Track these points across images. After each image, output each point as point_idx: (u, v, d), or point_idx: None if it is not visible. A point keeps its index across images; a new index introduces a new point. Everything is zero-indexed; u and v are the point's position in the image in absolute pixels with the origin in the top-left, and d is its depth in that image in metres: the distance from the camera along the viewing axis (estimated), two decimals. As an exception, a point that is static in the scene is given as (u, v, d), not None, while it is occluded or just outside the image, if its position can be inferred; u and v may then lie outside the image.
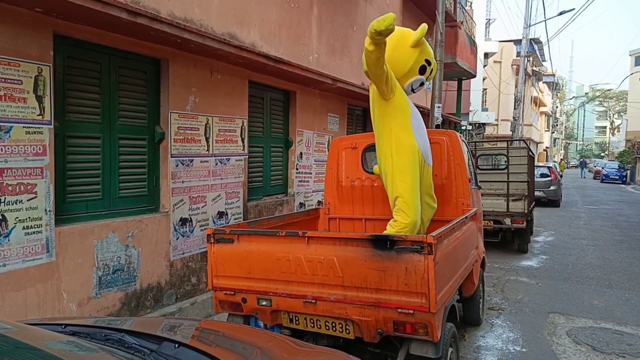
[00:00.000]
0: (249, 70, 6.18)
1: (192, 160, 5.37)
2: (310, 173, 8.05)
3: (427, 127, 4.39)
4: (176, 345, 1.89)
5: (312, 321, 3.31)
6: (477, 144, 11.17)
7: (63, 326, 2.09)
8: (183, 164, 5.24)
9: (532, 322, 5.35)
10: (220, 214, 5.85)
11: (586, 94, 69.26)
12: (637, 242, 10.39)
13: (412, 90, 4.03)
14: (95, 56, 4.40)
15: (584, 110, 69.68)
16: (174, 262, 5.18)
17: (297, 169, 7.63)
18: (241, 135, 6.16)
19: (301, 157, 7.72)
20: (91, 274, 4.23)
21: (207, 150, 5.60)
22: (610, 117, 68.53)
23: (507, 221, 8.75)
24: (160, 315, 4.79)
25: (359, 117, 10.20)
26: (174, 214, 5.15)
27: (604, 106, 68.57)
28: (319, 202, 8.10)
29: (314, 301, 3.16)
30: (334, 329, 3.25)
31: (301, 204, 7.75)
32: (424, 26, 3.76)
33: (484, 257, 5.19)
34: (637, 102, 37.29)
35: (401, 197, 3.84)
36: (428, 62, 3.80)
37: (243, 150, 6.23)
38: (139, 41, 4.62)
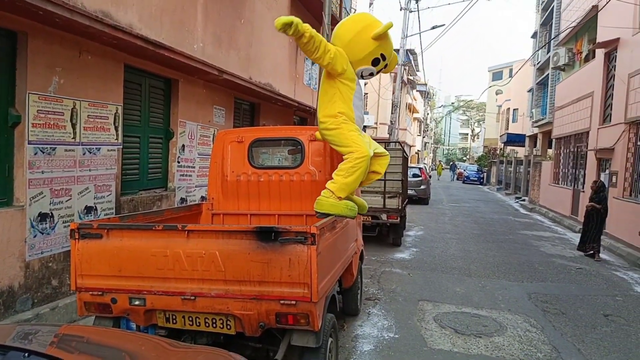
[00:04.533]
0: (126, 54, 5.71)
1: (55, 148, 4.79)
2: (194, 167, 7.71)
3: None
4: (26, 355, 1.64)
5: (190, 319, 3.15)
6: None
7: None
8: (43, 152, 4.65)
9: (404, 310, 5.75)
10: (89, 209, 5.32)
11: (452, 103, 76.80)
12: (491, 235, 11.79)
13: (362, 77, 4.16)
14: None
15: (450, 118, 77.32)
16: (31, 263, 4.58)
17: (178, 162, 7.26)
18: (114, 123, 5.66)
19: (183, 149, 7.36)
20: None
21: (74, 137, 5.04)
22: (471, 125, 76.90)
23: (384, 217, 9.32)
24: (13, 323, 4.19)
25: (246, 112, 10.04)
26: (31, 209, 4.55)
27: (466, 115, 76.75)
28: (203, 198, 7.80)
29: (193, 298, 3.01)
30: (214, 325, 3.13)
31: (183, 200, 7.39)
32: (389, 24, 3.90)
33: (362, 250, 5.44)
34: (493, 112, 42.46)
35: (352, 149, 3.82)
36: (383, 56, 3.91)
37: (116, 139, 5.73)
38: (-11, 8, 3.99)
